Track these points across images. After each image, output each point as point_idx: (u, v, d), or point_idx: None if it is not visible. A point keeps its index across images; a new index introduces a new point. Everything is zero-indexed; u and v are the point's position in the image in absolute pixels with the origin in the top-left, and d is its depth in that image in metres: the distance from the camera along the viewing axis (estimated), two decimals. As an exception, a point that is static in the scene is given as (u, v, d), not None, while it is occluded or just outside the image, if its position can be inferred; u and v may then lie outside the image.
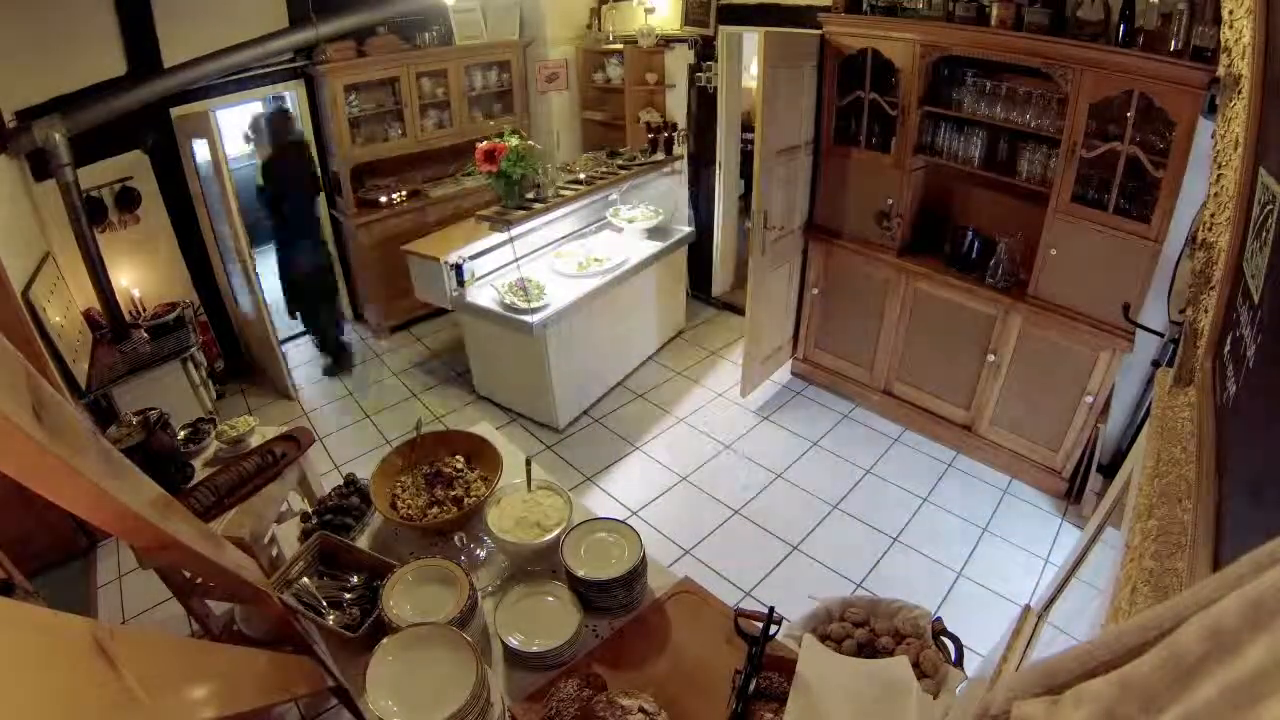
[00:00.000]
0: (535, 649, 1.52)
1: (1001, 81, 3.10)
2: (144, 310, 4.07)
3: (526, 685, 1.50)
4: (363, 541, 1.91)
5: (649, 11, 4.70)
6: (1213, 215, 1.27)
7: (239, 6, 4.14)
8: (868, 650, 1.58)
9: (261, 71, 4.39)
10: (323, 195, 4.79)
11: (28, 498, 0.67)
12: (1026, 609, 1.76)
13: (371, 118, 4.82)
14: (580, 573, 1.62)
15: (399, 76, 4.74)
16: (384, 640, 1.42)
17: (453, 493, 1.92)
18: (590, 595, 1.63)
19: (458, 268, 3.91)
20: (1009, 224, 3.34)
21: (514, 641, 1.52)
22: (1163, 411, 1.26)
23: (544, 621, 1.58)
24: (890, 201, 3.57)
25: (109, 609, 2.99)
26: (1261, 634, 0.37)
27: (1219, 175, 1.26)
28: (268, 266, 4.54)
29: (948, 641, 1.58)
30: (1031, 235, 3.15)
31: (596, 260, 4.14)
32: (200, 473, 2.53)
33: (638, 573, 1.66)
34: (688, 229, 4.73)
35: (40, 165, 3.55)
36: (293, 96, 4.68)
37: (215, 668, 0.93)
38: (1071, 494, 3.34)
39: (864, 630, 1.64)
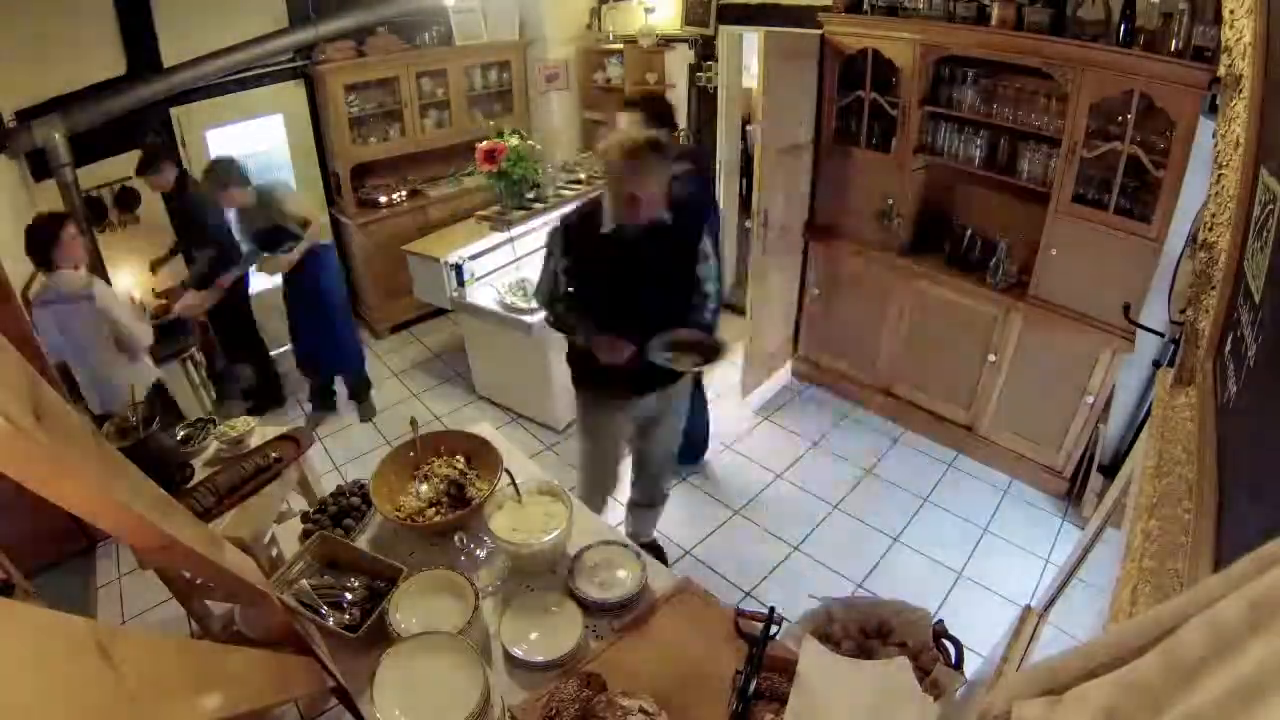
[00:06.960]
0: (540, 659, 1.53)
1: (1002, 81, 3.10)
2: (144, 310, 4.06)
3: (526, 685, 1.50)
4: (363, 541, 1.91)
5: (649, 11, 4.69)
6: (1213, 215, 1.27)
7: (239, 6, 4.14)
8: (868, 651, 1.58)
9: (261, 71, 4.39)
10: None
11: (28, 498, 0.66)
12: (1027, 609, 1.76)
13: (371, 118, 4.81)
14: (586, 595, 1.67)
15: (399, 76, 4.73)
16: (391, 648, 1.42)
17: (453, 493, 1.92)
18: (591, 603, 1.66)
19: (458, 268, 3.91)
20: (1009, 224, 3.34)
21: (519, 652, 1.54)
22: (1163, 411, 1.26)
23: (546, 626, 1.60)
24: (891, 201, 3.57)
25: (109, 609, 2.99)
26: (1262, 634, 0.37)
27: (1220, 175, 1.26)
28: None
29: (948, 643, 1.58)
30: (1032, 235, 3.15)
31: (597, 260, 4.13)
32: (200, 473, 2.52)
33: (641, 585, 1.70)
34: (688, 229, 4.72)
35: (40, 165, 3.55)
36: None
37: (215, 668, 0.93)
38: (1072, 494, 3.34)
39: (864, 631, 1.63)
